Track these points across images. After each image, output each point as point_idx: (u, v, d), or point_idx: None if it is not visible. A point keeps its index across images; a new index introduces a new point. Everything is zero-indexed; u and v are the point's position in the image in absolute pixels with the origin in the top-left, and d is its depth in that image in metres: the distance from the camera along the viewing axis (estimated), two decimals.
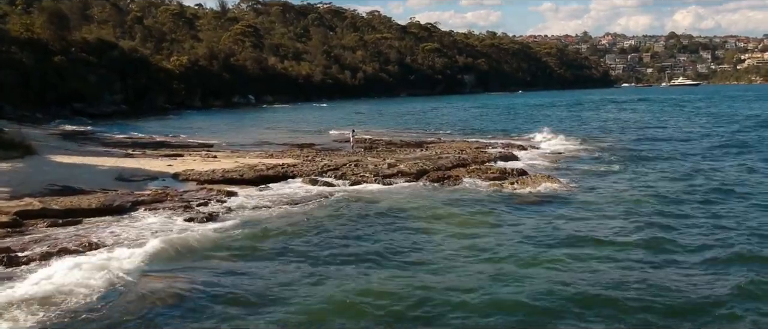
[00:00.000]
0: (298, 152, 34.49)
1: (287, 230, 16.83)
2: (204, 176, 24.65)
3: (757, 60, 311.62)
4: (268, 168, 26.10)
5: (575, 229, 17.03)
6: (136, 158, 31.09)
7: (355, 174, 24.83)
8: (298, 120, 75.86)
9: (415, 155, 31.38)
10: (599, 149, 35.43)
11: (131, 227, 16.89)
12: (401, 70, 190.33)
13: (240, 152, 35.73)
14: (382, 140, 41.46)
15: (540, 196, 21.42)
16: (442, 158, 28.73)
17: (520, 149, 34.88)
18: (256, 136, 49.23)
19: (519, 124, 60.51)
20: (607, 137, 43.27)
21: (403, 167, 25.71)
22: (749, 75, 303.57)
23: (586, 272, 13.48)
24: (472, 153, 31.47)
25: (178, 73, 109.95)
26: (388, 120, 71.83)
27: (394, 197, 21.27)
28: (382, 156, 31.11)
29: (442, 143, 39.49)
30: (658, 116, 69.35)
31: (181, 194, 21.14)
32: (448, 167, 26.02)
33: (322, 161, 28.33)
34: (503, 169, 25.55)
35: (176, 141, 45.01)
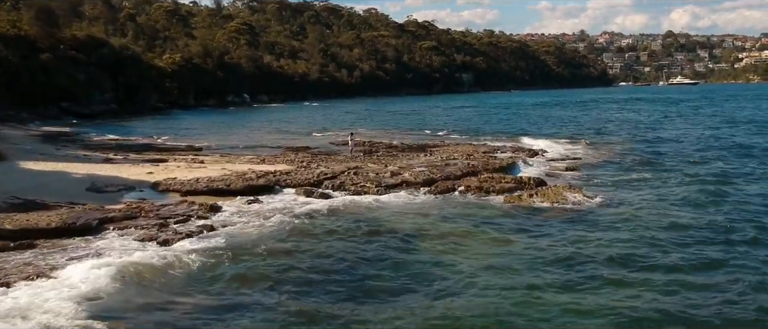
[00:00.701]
0: (292, 157, 32.00)
1: (277, 257, 14.34)
2: (186, 187, 22.13)
3: (754, 59, 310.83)
4: (258, 177, 23.60)
5: (615, 251, 14.64)
6: (116, 163, 28.57)
7: (354, 184, 22.35)
8: (293, 120, 73.26)
9: (419, 160, 28.92)
10: (614, 154, 33.08)
11: (92, 251, 14.37)
12: (398, 69, 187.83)
13: (230, 156, 33.22)
14: (382, 143, 38.97)
15: (565, 211, 18.98)
16: (450, 164, 26.25)
17: (531, 153, 32.43)
18: (249, 138, 46.72)
19: (522, 125, 58.11)
20: (618, 140, 40.88)
21: (407, 175, 23.23)
22: (747, 74, 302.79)
23: (639, 302, 11.22)
24: (481, 159, 29.01)
25: (171, 72, 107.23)
26: (386, 121, 69.32)
27: (399, 212, 18.80)
28: (383, 162, 28.63)
29: (446, 146, 37.03)
30: (665, 116, 66.84)
31: (157, 209, 18.62)
32: (457, 176, 23.53)
33: (318, 169, 25.84)
34: (518, 178, 23.09)
35: (163, 143, 42.47)
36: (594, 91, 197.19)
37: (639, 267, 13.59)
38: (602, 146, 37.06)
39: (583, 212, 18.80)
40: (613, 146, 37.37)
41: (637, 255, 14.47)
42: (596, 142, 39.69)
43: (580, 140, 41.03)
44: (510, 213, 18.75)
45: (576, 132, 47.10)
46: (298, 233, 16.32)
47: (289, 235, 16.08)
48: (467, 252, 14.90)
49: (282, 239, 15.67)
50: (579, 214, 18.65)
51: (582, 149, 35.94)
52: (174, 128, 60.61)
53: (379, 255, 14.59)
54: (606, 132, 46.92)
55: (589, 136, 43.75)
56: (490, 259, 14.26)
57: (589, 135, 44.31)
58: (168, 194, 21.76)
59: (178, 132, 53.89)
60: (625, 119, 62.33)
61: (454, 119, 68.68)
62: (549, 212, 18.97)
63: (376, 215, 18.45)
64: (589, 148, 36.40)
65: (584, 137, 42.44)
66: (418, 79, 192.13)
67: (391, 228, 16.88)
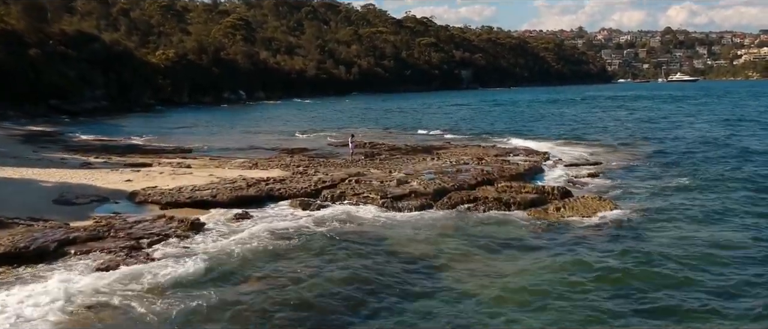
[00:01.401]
0: (288, 160, 29.48)
1: (265, 292, 11.88)
2: (167, 198, 19.61)
3: (753, 56, 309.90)
4: (249, 185, 21.08)
5: (670, 276, 12.38)
6: (94, 168, 25.99)
7: (356, 195, 19.84)
8: (290, 118, 70.71)
9: (425, 165, 26.41)
10: (635, 157, 30.56)
11: (43, 284, 11.85)
12: (397, 65, 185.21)
13: (220, 159, 30.67)
14: (383, 145, 36.48)
15: (599, 227, 16.51)
16: (462, 170, 23.72)
17: (546, 157, 29.92)
18: (242, 138, 44.13)
19: (528, 124, 55.51)
20: (635, 141, 38.30)
21: (415, 184, 20.72)
22: (746, 71, 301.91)
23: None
24: (493, 163, 26.52)
25: (164, 68, 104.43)
26: (386, 119, 66.75)
27: (408, 230, 16.29)
28: (387, 167, 26.11)
29: (453, 148, 34.55)
30: (676, 114, 64.27)
31: (130, 227, 16.08)
32: (471, 185, 21.04)
33: (315, 175, 23.33)
34: (540, 188, 20.58)
35: (150, 144, 39.90)
36: (594, 88, 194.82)
37: (702, 293, 11.40)
38: (620, 149, 34.60)
39: (620, 229, 16.35)
40: (631, 148, 34.89)
41: (697, 280, 12.27)
42: (612, 144, 37.21)
43: (595, 141, 38.59)
44: (537, 231, 16.28)
45: (587, 132, 44.54)
46: (292, 259, 13.83)
47: (281, 262, 13.59)
48: (492, 282, 12.46)
49: (272, 268, 13.16)
50: (616, 230, 16.20)
51: (599, 151, 33.42)
52: (165, 127, 58.06)
53: (387, 287, 12.16)
54: (619, 133, 44.31)
55: (602, 137, 41.21)
56: (520, 291, 11.87)
57: (602, 136, 41.76)
58: (146, 206, 19.24)
59: (169, 132, 51.34)
60: (635, 118, 59.73)
61: (458, 118, 66.07)
62: (581, 228, 16.49)
63: (382, 234, 15.96)
64: (607, 150, 33.93)
65: (598, 139, 39.95)
66: (417, 76, 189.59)
67: (399, 252, 14.41)
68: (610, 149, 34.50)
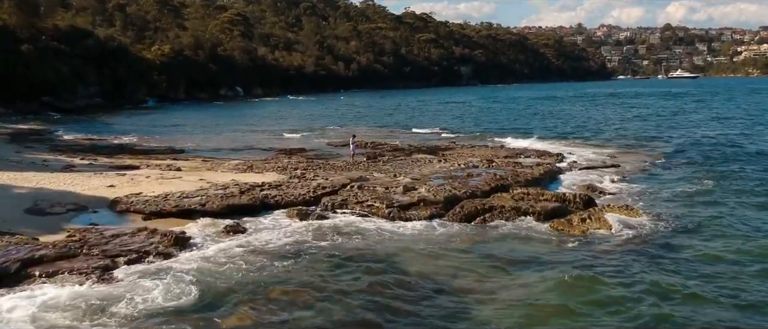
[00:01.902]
0: (285, 162, 27.72)
1: (258, 323, 10.13)
2: (151, 206, 17.83)
3: (753, 52, 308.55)
4: (242, 192, 19.32)
5: (726, 299, 10.65)
6: (77, 172, 24.20)
7: (359, 203, 18.08)
8: (288, 116, 68.91)
9: (432, 168, 24.64)
10: (654, 158, 28.83)
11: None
12: (396, 62, 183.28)
13: (213, 161, 28.89)
14: (386, 145, 34.71)
15: (631, 242, 14.79)
16: (473, 175, 21.94)
17: (559, 159, 28.17)
18: (238, 137, 42.32)
19: (534, 122, 53.75)
20: (651, 141, 36.56)
21: (424, 191, 18.94)
22: (746, 67, 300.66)
23: None
24: (505, 166, 24.77)
25: (160, 64, 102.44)
26: (387, 116, 64.94)
27: (419, 247, 14.52)
28: (391, 169, 24.37)
29: (459, 148, 32.80)
30: (683, 113, 62.45)
31: (107, 242, 14.32)
32: (485, 192, 19.27)
33: (314, 180, 21.56)
34: (560, 195, 18.80)
35: (141, 144, 38.08)
36: (595, 85, 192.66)
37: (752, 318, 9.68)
38: (634, 149, 32.86)
39: (655, 243, 14.63)
40: (645, 148, 33.19)
41: (758, 303, 10.54)
42: (625, 143, 35.49)
43: (607, 141, 36.87)
44: (563, 247, 14.53)
45: (598, 132, 42.75)
46: (289, 281, 12.07)
47: (276, 287, 11.81)
48: (515, 306, 10.84)
49: (265, 297, 11.39)
50: (648, 246, 14.48)
51: (613, 152, 31.63)
52: (159, 124, 56.26)
53: (398, 314, 10.42)
54: (629, 131, 42.56)
55: (613, 136, 39.46)
56: (548, 317, 10.19)
57: (613, 135, 39.99)
58: (127, 216, 17.47)
59: (162, 130, 49.54)
60: (643, 116, 57.99)
61: (460, 115, 64.34)
62: (610, 243, 14.77)
63: (390, 250, 14.20)
64: (620, 151, 32.21)
65: (609, 138, 38.22)
66: (417, 72, 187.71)
67: (410, 272, 12.66)
68: (623, 150, 32.77)
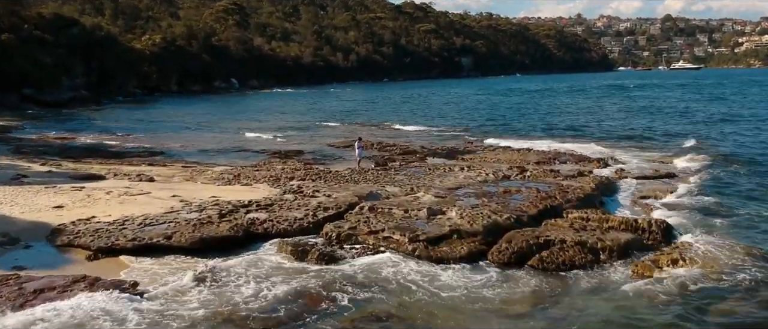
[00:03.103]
0: (279, 169, 23.56)
1: None
2: (103, 238, 13.65)
3: (755, 43, 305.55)
4: (222, 215, 15.14)
5: None
6: (25, 185, 19.94)
7: (373, 233, 13.92)
8: (285, 109, 64.67)
9: (455, 178, 20.47)
10: (711, 164, 24.42)
11: None
12: (396, 52, 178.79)
13: (195, 167, 24.69)
14: (395, 147, 30.45)
15: (752, 295, 10.61)
16: (510, 190, 17.70)
17: (601, 164, 24.02)
18: (228, 136, 38.04)
19: (552, 118, 49.33)
20: (693, 141, 32.10)
21: (455, 216, 14.74)
22: (748, 58, 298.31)
23: None
24: (542, 175, 20.63)
25: (151, 54, 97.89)
26: (391, 111, 60.60)
27: (466, 309, 10.30)
28: (406, 181, 20.19)
29: (480, 149, 28.59)
30: (710, 106, 58.04)
31: (24, 302, 10.14)
32: (532, 216, 15.11)
33: (314, 198, 17.35)
34: (630, 221, 14.58)
35: (117, 145, 33.81)
36: (599, 76, 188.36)
37: None
38: (683, 151, 28.45)
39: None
40: (694, 150, 28.81)
41: None
42: (668, 144, 31.11)
43: (648, 141, 32.33)
44: (662, 307, 10.34)
45: (630, 130, 37.85)
46: None
47: None
48: None
49: None
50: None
51: (662, 157, 27.06)
52: (145, 119, 52.08)
53: None
54: (666, 130, 37.93)
55: (652, 136, 34.85)
56: None
57: (651, 135, 35.36)
58: (68, 253, 13.27)
59: (148, 126, 45.39)
60: (670, 110, 53.19)
61: (470, 109, 59.98)
62: (727, 299, 10.60)
63: (428, 317, 9.99)
64: (666, 153, 27.91)
65: (650, 138, 33.64)
66: (417, 63, 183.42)
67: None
68: (669, 152, 28.47)
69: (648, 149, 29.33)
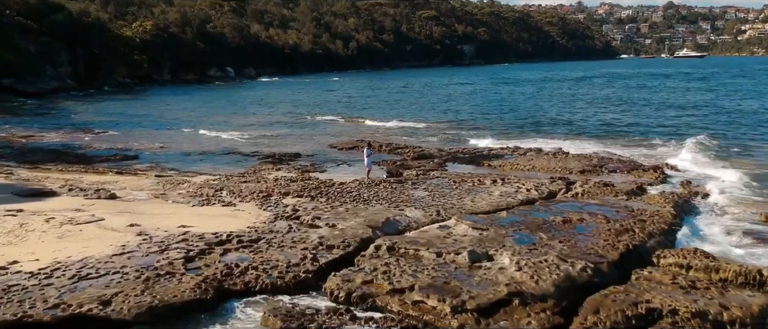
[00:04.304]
0: (271, 178, 19.49)
1: None
2: (16, 300, 9.58)
3: (758, 31, 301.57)
4: (189, 258, 11.09)
5: None
6: None
7: (397, 292, 9.85)
8: (281, 100, 60.46)
9: (490, 195, 16.39)
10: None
11: None
12: (397, 40, 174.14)
13: (170, 177, 20.57)
14: (408, 150, 26.17)
15: None
16: (569, 218, 13.59)
17: (659, 175, 19.92)
18: (216, 135, 33.67)
19: (570, 110, 44.94)
20: (743, 141, 27.96)
21: (508, 264, 10.66)
22: (751, 46, 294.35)
23: None
24: (595, 189, 16.56)
25: (142, 42, 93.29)
26: (396, 103, 56.34)
27: None
28: (429, 198, 16.14)
29: (509, 152, 24.44)
30: (748, 98, 53.52)
31: None
32: (614, 262, 11.02)
33: (313, 231, 13.26)
34: (753, 272, 10.51)
35: (89, 145, 29.64)
36: (604, 64, 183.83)
37: None
38: (745, 154, 24.27)
39: None
40: (748, 151, 24.72)
41: None
42: (722, 145, 26.83)
43: (695, 141, 27.94)
44: None
45: (670, 127, 33.49)
46: None
47: None
48: None
49: None
50: None
51: (724, 163, 22.87)
52: (129, 113, 47.86)
53: None
54: (712, 125, 33.68)
55: (696, 133, 30.40)
56: None
57: (696, 132, 30.92)
58: None
59: (131, 120, 41.20)
60: (698, 101, 48.70)
61: (481, 102, 55.65)
62: None
63: None
64: (730, 159, 23.69)
65: (698, 137, 29.13)
66: (418, 51, 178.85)
67: None
68: (725, 153, 24.40)
69: (703, 151, 25.06)
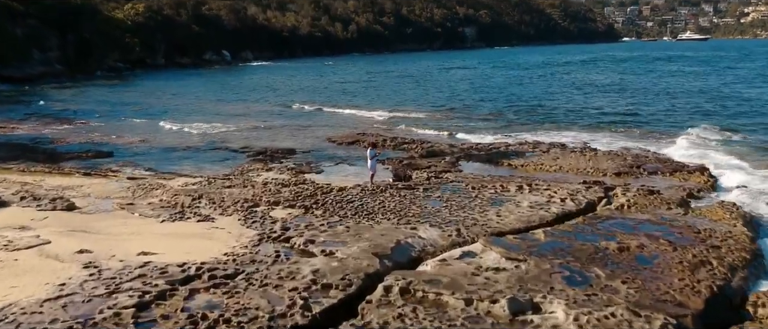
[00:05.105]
0: (261, 183, 16.82)
1: None
2: None
3: (761, 14, 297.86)
4: (144, 303, 8.44)
5: None
6: None
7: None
8: (278, 87, 57.70)
9: (518, 207, 13.75)
10: None
11: None
12: (397, 23, 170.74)
13: (142, 183, 17.86)
14: (415, 145, 23.43)
15: None
16: (625, 245, 10.91)
17: (708, 180, 17.23)
18: (204, 128, 30.72)
19: (594, 100, 41.03)
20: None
21: (563, 319, 8.03)
22: (754, 29, 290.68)
23: None
24: (642, 198, 13.93)
25: (134, 25, 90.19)
26: (398, 91, 53.46)
27: None
28: (444, 210, 13.46)
29: (532, 151, 21.68)
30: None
31: None
32: (698, 314, 8.39)
33: (308, 257, 10.59)
34: None
35: (62, 139, 26.91)
36: (608, 47, 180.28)
37: None
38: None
39: None
40: None
41: None
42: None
43: (733, 135, 25.13)
44: None
45: (705, 117, 30.45)
46: None
47: None
48: None
49: None
50: None
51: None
52: (113, 101, 45.03)
53: None
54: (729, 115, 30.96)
55: (736, 126, 27.54)
56: None
57: (731, 123, 28.14)
58: None
59: (112, 109, 38.50)
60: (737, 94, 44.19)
61: (489, 88, 52.61)
62: None
63: None
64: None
65: (734, 129, 26.36)
66: (419, 34, 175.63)
67: None
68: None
69: (745, 147, 22.28)
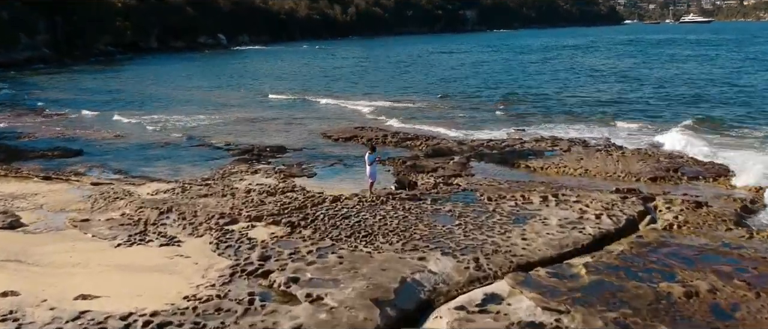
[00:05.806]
0: (243, 190, 14.55)
1: None
2: None
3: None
4: None
5: None
6: None
7: None
8: (272, 72, 55.23)
9: (546, 226, 11.48)
10: None
11: None
12: (397, 5, 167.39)
13: (106, 191, 15.56)
14: (418, 143, 21.05)
15: None
16: (696, 289, 8.64)
17: (759, 190, 14.92)
18: (189, 120, 28.33)
19: (609, 87, 38.07)
20: None
21: None
22: (757, 11, 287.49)
23: None
24: (699, 220, 11.66)
25: (125, 8, 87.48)
26: (398, 76, 50.93)
27: None
28: (461, 235, 11.16)
29: (550, 148, 19.30)
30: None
31: None
32: None
33: (291, 305, 8.34)
34: None
35: (32, 133, 24.54)
36: (613, 30, 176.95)
37: None
38: None
39: None
40: None
41: None
42: None
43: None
44: None
45: (730, 110, 28.10)
46: None
47: None
48: None
49: None
50: None
51: None
52: (97, 89, 42.64)
53: None
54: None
55: None
56: None
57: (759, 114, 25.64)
58: None
59: (92, 98, 36.15)
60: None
61: (497, 74, 49.84)
62: None
63: None
64: None
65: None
66: (419, 17, 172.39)
67: None
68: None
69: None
